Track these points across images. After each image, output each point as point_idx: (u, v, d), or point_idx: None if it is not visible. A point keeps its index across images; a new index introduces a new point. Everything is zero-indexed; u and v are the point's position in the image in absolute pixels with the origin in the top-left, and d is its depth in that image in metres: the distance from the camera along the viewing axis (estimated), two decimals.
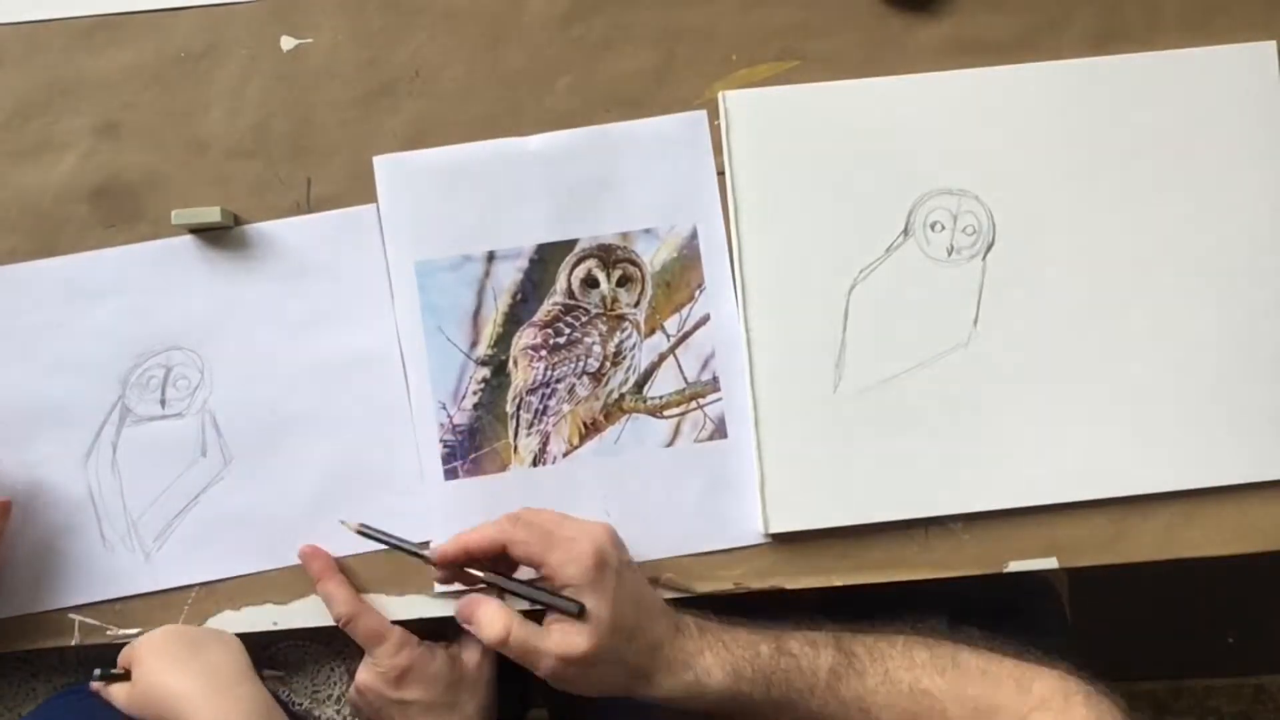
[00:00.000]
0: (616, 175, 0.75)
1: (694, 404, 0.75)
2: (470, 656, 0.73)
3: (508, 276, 0.75)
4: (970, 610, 0.78)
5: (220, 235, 0.75)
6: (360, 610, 0.71)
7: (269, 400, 0.74)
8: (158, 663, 0.67)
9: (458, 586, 0.70)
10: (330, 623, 0.71)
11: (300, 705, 0.77)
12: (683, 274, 0.75)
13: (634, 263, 0.75)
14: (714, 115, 0.75)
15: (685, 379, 0.75)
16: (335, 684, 0.78)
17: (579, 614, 0.62)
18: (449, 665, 0.72)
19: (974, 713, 0.61)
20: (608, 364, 0.75)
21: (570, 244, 0.75)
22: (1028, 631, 0.80)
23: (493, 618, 0.63)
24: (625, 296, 0.75)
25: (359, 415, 0.74)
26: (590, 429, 0.74)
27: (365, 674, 0.71)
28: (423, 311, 0.74)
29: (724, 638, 0.64)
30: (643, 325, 0.75)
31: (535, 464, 0.74)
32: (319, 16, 0.76)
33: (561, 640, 0.62)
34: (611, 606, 0.62)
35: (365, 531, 0.69)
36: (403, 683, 0.70)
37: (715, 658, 0.63)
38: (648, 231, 0.75)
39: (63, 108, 0.75)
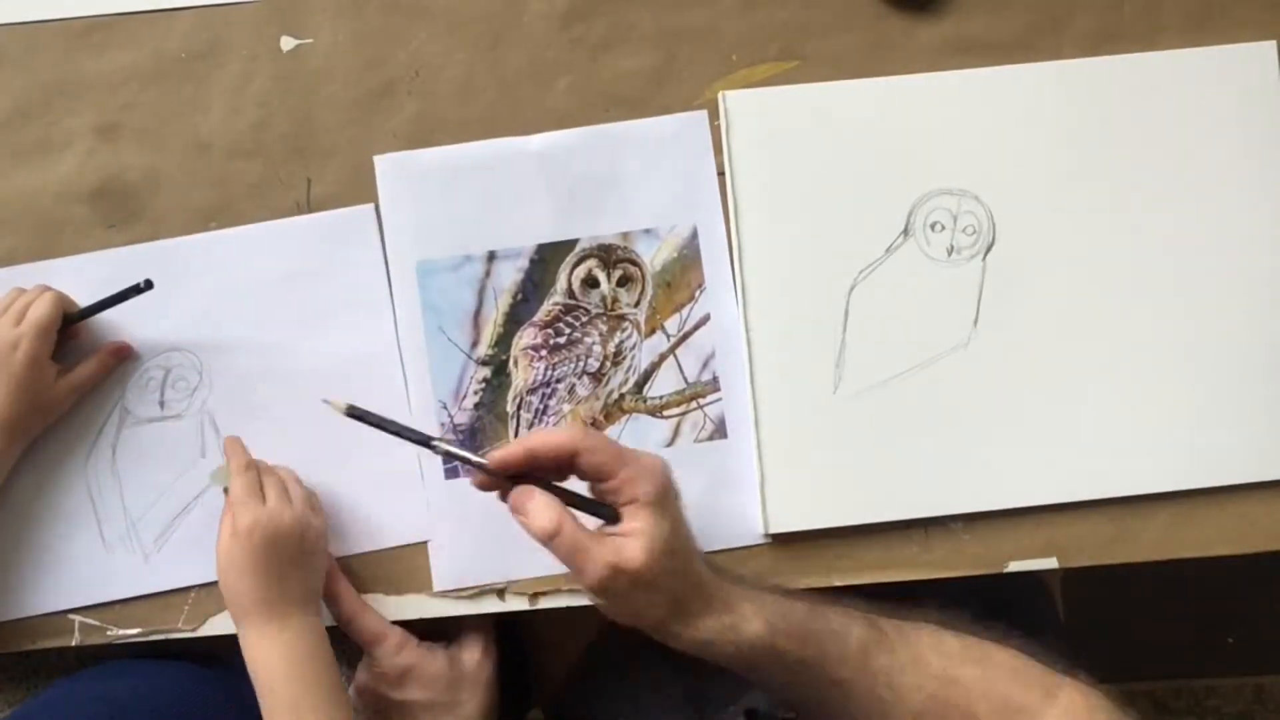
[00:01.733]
0: (617, 175, 0.75)
1: (694, 404, 0.75)
2: (470, 657, 0.73)
3: (508, 276, 0.75)
4: (963, 608, 0.79)
5: (220, 235, 0.75)
6: (360, 610, 0.71)
7: (268, 401, 0.74)
8: None
9: (462, 582, 0.70)
10: (329, 623, 0.71)
11: None
12: (683, 274, 0.75)
13: (634, 263, 0.75)
14: (714, 115, 0.75)
15: (685, 379, 0.75)
16: None
17: (613, 519, 0.60)
18: (449, 665, 0.72)
19: (1002, 709, 0.60)
20: (608, 364, 0.75)
21: (571, 244, 0.75)
22: (1021, 630, 0.80)
23: (546, 510, 0.59)
24: (625, 296, 0.75)
25: None
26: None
27: (364, 675, 0.71)
28: (423, 311, 0.74)
29: (758, 590, 0.63)
30: (643, 325, 0.75)
31: None
32: (319, 16, 0.76)
33: (616, 549, 0.58)
34: (671, 529, 0.60)
35: (358, 412, 0.64)
36: (403, 683, 0.70)
37: (753, 606, 0.61)
38: (648, 231, 0.75)
39: (63, 108, 0.75)
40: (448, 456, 0.63)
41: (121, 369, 0.74)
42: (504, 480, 0.61)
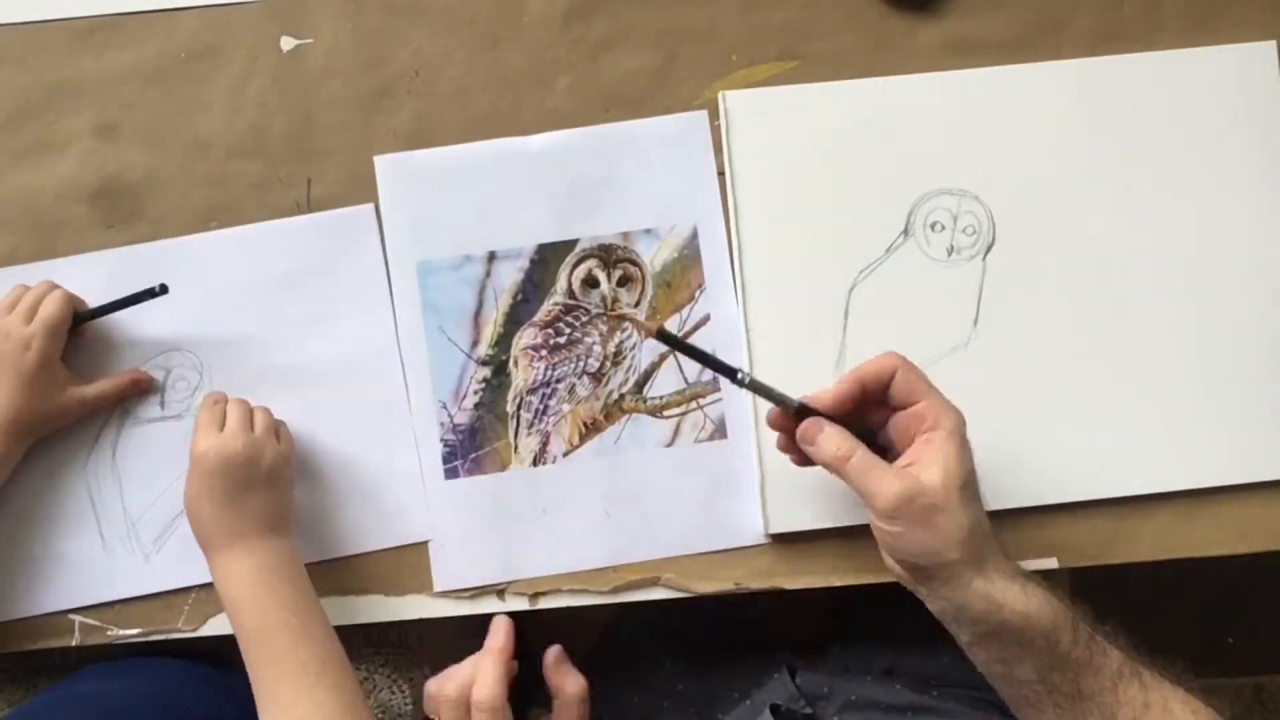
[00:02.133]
0: (617, 175, 0.75)
1: (694, 404, 0.75)
2: None
3: (508, 276, 0.75)
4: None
5: (220, 235, 0.75)
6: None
7: (268, 400, 0.74)
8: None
9: (463, 582, 0.69)
10: (333, 622, 0.71)
11: None
12: (683, 274, 0.75)
13: (634, 263, 0.75)
14: (714, 115, 0.75)
15: (685, 379, 0.75)
16: None
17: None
18: None
19: None
20: (608, 364, 0.75)
21: (571, 244, 0.75)
22: None
23: (837, 436, 0.61)
24: (626, 296, 0.75)
25: (359, 415, 0.74)
26: (590, 429, 0.74)
27: (434, 685, 0.68)
28: (423, 311, 0.74)
29: (1033, 575, 0.61)
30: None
31: (535, 464, 0.74)
32: (319, 16, 0.76)
33: (912, 474, 0.58)
34: (971, 467, 0.60)
35: (667, 336, 0.63)
36: None
37: (1032, 582, 0.60)
38: (648, 231, 0.75)
39: (63, 108, 0.75)
40: (755, 391, 0.63)
41: (122, 368, 0.74)
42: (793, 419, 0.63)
